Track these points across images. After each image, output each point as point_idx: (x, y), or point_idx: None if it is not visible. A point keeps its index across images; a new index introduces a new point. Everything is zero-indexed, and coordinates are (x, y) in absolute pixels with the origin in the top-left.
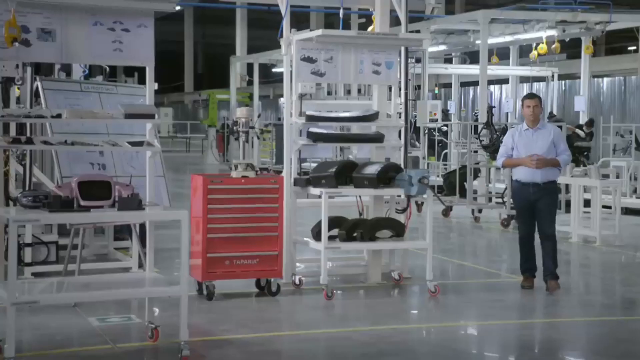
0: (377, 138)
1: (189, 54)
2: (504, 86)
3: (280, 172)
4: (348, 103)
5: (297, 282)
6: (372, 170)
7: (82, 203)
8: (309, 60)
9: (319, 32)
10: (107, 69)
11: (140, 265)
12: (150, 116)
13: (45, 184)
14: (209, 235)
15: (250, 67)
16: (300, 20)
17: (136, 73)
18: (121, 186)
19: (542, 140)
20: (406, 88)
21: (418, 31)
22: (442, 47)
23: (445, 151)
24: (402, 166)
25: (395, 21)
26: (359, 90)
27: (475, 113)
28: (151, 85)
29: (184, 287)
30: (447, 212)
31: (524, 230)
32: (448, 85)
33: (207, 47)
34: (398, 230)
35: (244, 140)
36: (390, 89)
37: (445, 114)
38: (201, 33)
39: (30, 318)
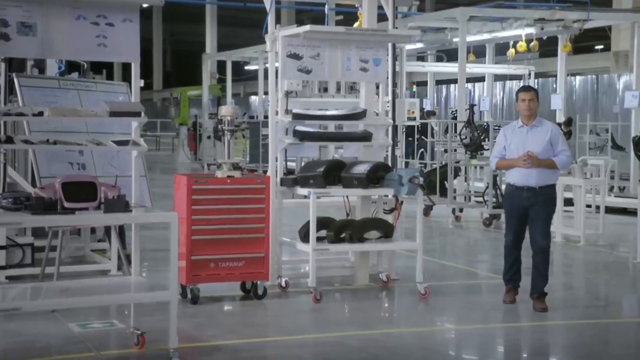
0: (365, 137)
1: (158, 52)
2: (476, 84)
3: (254, 170)
4: (334, 101)
5: (283, 284)
6: (361, 169)
7: (66, 205)
8: (295, 57)
9: (307, 27)
10: (85, 65)
11: (119, 268)
12: (137, 114)
13: (21, 184)
14: (193, 237)
15: (220, 64)
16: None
17: (104, 70)
18: (107, 187)
19: (538, 139)
20: (394, 85)
21: (396, 28)
22: (419, 45)
23: (422, 150)
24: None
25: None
26: (338, 89)
27: (453, 111)
28: (137, 82)
29: (174, 292)
30: (427, 211)
31: (511, 238)
32: (421, 84)
33: (175, 44)
34: (386, 230)
35: (229, 139)
36: (377, 86)
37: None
38: (170, 31)
39: (6, 324)
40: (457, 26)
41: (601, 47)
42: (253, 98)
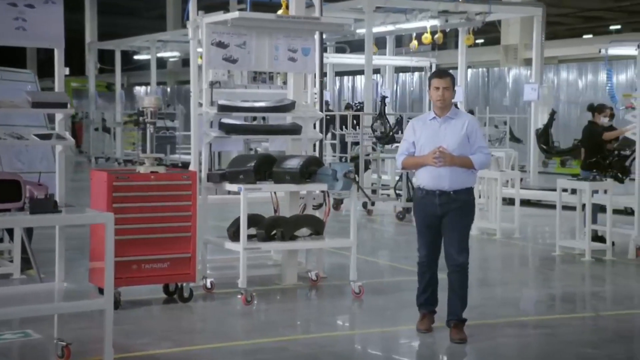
0: (295, 129)
1: None
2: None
3: None
4: (260, 92)
5: (208, 285)
6: (293, 164)
7: None
8: (221, 45)
9: (236, 14)
10: None
11: (22, 271)
12: (62, 105)
13: None
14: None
15: (100, 54)
16: (157, 6)
17: None
18: (33, 186)
19: (452, 133)
20: (321, 76)
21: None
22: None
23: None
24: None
25: None
26: (254, 78)
27: (357, 103)
28: (61, 70)
29: (109, 300)
30: (337, 205)
31: (424, 253)
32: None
33: None
34: (317, 227)
35: (152, 131)
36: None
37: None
38: None
39: None
40: (361, 17)
41: (482, 41)
42: (138, 89)
